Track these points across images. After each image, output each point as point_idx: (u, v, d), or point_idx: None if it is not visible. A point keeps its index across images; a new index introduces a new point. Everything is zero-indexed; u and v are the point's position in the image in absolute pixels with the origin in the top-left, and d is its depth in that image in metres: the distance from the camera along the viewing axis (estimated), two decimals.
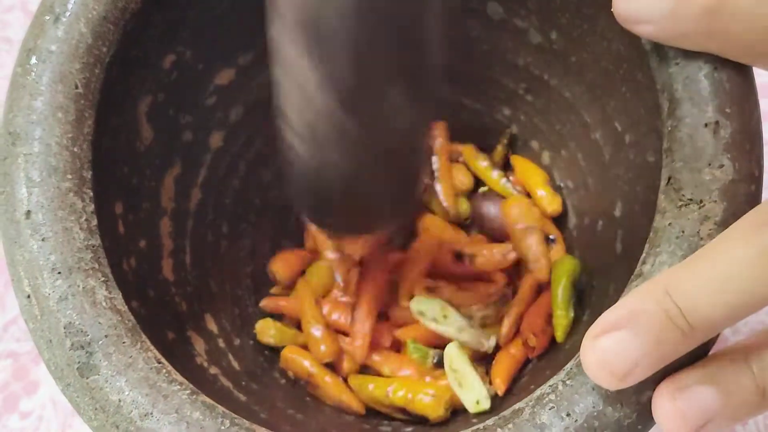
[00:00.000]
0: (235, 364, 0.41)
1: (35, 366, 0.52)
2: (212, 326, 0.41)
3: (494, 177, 0.49)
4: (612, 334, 0.26)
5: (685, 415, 0.26)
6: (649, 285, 0.26)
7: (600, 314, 0.27)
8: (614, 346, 0.26)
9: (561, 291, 0.43)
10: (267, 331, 0.44)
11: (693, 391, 0.26)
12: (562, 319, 0.43)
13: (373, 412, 0.43)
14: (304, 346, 0.45)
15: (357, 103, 0.32)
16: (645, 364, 0.25)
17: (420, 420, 0.42)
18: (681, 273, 0.26)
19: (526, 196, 0.48)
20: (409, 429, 0.42)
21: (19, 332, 0.53)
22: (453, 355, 0.41)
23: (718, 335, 0.27)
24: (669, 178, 0.29)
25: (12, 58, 0.60)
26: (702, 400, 0.26)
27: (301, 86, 0.32)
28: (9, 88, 0.32)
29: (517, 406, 0.28)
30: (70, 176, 0.31)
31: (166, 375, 0.29)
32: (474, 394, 0.41)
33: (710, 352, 0.28)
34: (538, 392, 0.28)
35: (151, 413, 0.28)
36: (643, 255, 0.29)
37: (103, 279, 0.30)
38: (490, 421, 0.28)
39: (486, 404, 0.40)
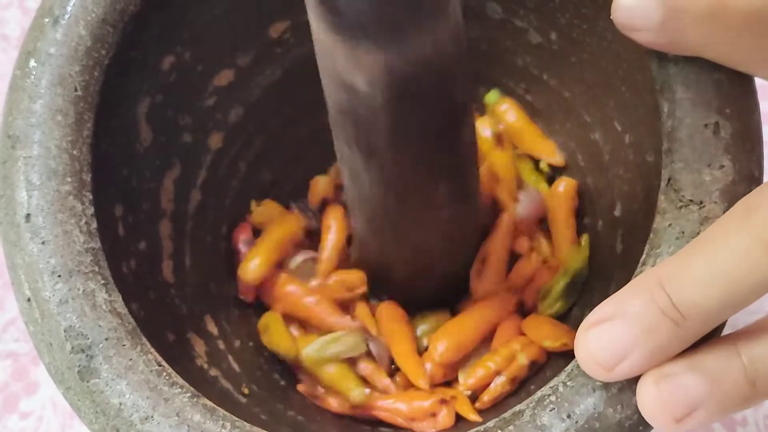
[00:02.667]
0: (236, 366, 0.41)
1: (35, 366, 0.52)
2: (212, 328, 0.41)
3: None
4: (601, 326, 0.26)
5: (668, 403, 0.25)
6: (643, 277, 0.26)
7: None
8: (603, 338, 0.26)
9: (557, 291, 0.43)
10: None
11: (678, 378, 0.25)
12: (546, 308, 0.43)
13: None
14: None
15: (402, 191, 0.35)
16: (636, 356, 0.25)
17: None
18: (674, 264, 0.26)
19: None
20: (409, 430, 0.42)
21: (18, 333, 0.53)
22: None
23: (719, 329, 0.27)
24: (669, 179, 0.29)
25: (9, 56, 0.60)
26: (687, 387, 0.25)
27: (353, 173, 0.34)
28: (8, 91, 0.32)
29: (517, 407, 0.28)
30: (69, 179, 0.31)
31: (167, 378, 0.29)
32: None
33: None
34: (538, 393, 0.28)
35: (152, 416, 0.28)
36: (643, 256, 0.29)
37: (103, 282, 0.30)
38: (491, 423, 0.28)
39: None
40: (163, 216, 0.40)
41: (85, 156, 0.32)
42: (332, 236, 0.45)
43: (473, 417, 0.40)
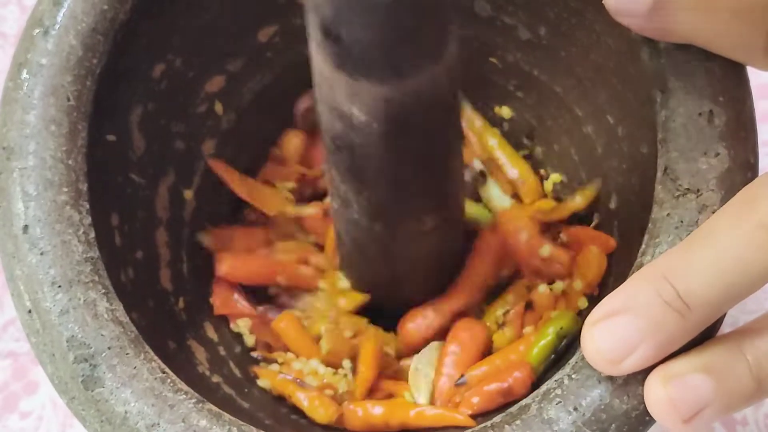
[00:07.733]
0: (237, 372, 0.41)
1: (35, 366, 0.52)
2: (212, 334, 0.41)
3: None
4: (608, 321, 0.26)
5: (677, 404, 0.26)
6: (646, 270, 0.26)
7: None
8: (610, 333, 0.26)
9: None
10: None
11: (686, 379, 0.26)
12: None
13: None
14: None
15: (390, 220, 0.36)
16: (644, 349, 0.26)
17: None
18: (677, 256, 0.26)
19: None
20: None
21: (18, 332, 0.53)
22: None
23: (721, 322, 0.28)
24: (665, 169, 0.29)
25: (7, 54, 0.60)
26: (695, 388, 0.25)
27: (343, 201, 0.35)
28: (1, 102, 0.32)
29: (523, 402, 0.28)
30: (66, 189, 0.31)
31: (171, 385, 0.29)
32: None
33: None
34: (544, 387, 0.28)
35: (158, 423, 0.28)
36: (643, 246, 0.29)
37: (103, 291, 0.30)
38: (497, 419, 0.28)
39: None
40: (159, 224, 0.40)
41: (81, 165, 0.32)
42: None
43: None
